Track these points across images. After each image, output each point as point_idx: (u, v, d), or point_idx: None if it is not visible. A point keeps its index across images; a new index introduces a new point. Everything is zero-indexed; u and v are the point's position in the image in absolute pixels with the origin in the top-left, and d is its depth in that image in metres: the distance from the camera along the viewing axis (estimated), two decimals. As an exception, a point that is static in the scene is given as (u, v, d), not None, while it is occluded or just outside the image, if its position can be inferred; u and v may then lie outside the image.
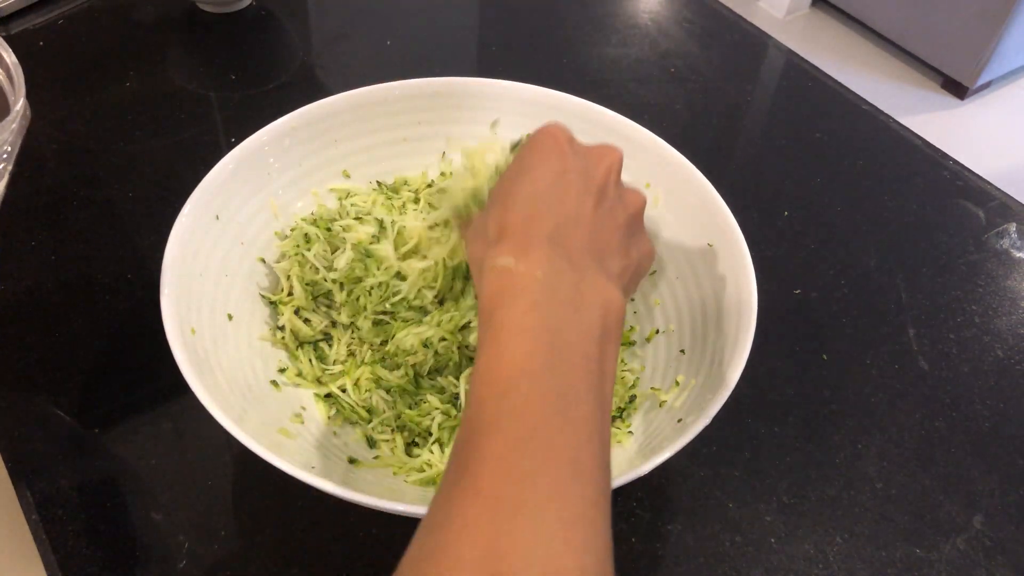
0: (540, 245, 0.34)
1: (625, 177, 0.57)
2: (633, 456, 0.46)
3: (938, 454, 0.56)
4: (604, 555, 0.27)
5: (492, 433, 0.29)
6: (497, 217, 0.36)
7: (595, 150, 0.40)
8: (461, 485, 0.28)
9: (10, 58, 0.44)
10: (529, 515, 0.26)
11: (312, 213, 0.57)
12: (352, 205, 0.57)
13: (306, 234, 0.54)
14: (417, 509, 0.39)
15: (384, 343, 0.51)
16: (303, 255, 0.54)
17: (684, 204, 0.54)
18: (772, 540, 0.51)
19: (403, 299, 0.50)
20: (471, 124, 0.60)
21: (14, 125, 0.43)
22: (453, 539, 0.26)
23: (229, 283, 0.52)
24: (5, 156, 0.44)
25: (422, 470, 0.48)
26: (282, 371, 0.52)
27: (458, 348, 0.50)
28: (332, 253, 0.54)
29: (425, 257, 0.50)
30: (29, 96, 0.46)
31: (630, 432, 0.50)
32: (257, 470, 0.39)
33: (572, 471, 0.28)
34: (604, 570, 0.27)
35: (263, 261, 0.55)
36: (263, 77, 0.80)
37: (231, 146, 0.53)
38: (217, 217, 0.51)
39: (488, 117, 0.60)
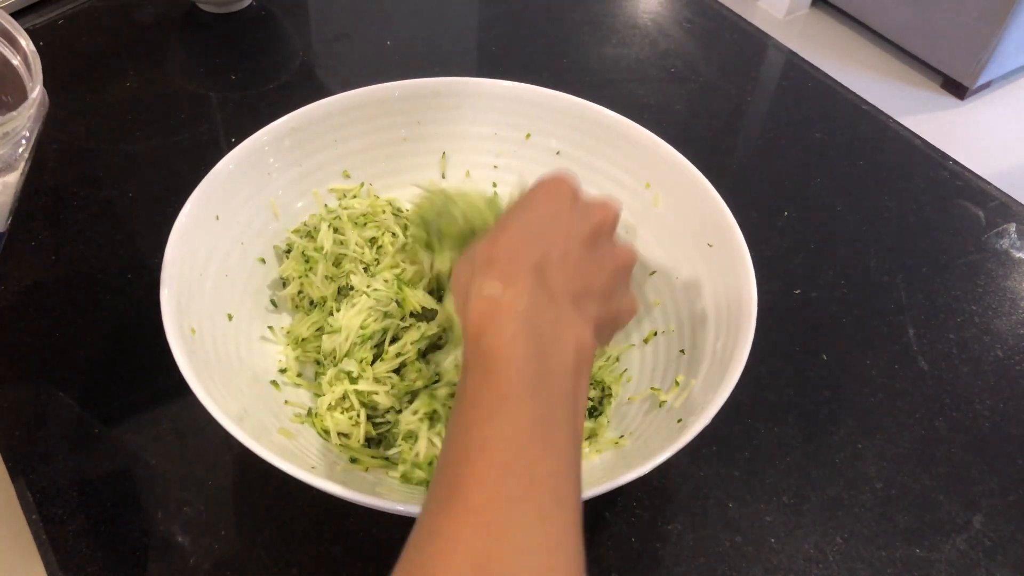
0: (525, 276, 0.35)
1: (625, 177, 0.58)
2: (633, 456, 0.46)
3: (938, 454, 0.56)
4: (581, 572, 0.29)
5: (480, 456, 0.30)
6: (487, 244, 0.37)
7: (595, 202, 0.42)
8: (451, 503, 0.29)
9: (28, 45, 0.44)
10: (516, 538, 0.27)
11: (304, 223, 0.57)
12: (345, 208, 0.58)
13: (305, 255, 0.55)
14: (417, 509, 0.39)
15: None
16: (308, 276, 0.55)
17: (684, 204, 0.54)
18: (772, 540, 0.51)
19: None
20: (471, 124, 0.60)
21: (31, 111, 0.43)
22: (443, 554, 0.27)
23: (229, 283, 0.52)
24: (24, 142, 0.44)
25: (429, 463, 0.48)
26: (282, 371, 0.52)
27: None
28: (335, 264, 0.55)
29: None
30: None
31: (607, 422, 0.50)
32: (257, 470, 0.40)
33: (554, 498, 0.29)
34: None
35: (263, 261, 0.55)
36: (263, 77, 0.80)
37: (231, 146, 0.53)
38: (217, 217, 0.51)
39: (488, 117, 0.60)
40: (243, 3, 0.86)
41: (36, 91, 0.43)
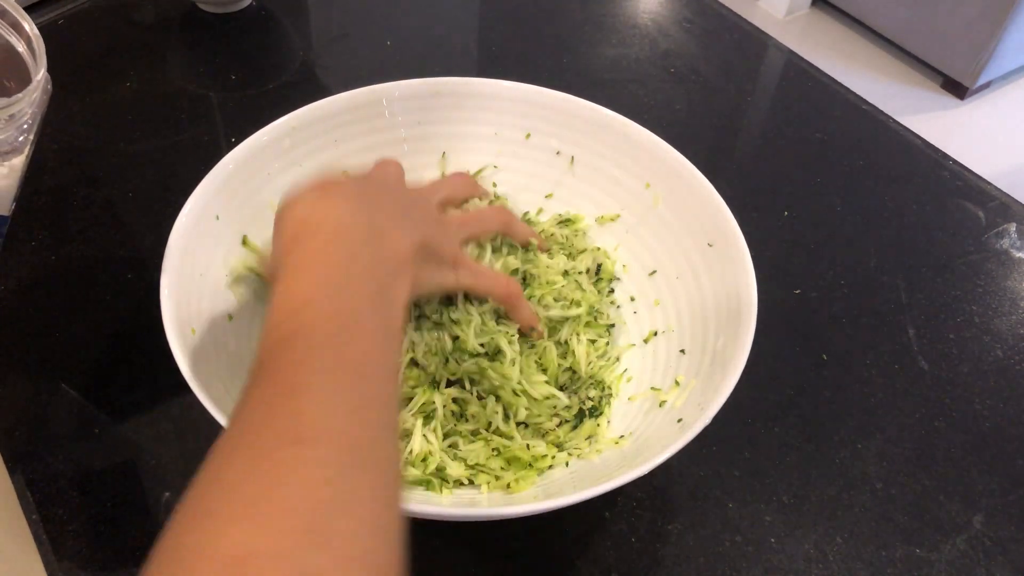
0: (339, 193, 0.39)
1: (625, 177, 0.58)
2: (633, 456, 0.46)
3: (938, 454, 0.56)
4: (390, 432, 0.32)
5: (289, 345, 0.32)
6: (305, 182, 0.40)
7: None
8: (264, 384, 0.31)
9: (32, 30, 0.44)
10: (324, 402, 0.30)
11: None
12: None
13: None
14: (417, 508, 0.39)
15: None
16: None
17: (684, 204, 0.54)
18: (772, 540, 0.51)
19: None
20: (471, 124, 0.60)
21: (35, 95, 0.43)
22: (259, 421, 0.30)
23: (229, 283, 0.52)
24: (26, 127, 0.44)
25: (421, 462, 0.48)
26: (282, 371, 0.52)
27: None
28: None
29: None
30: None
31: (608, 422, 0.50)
32: (257, 470, 0.39)
33: (359, 372, 0.32)
34: (389, 445, 0.32)
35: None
36: (263, 77, 0.80)
37: (231, 146, 0.53)
38: (217, 217, 0.51)
39: (488, 117, 0.60)
40: (243, 3, 0.86)
41: (40, 74, 0.43)
